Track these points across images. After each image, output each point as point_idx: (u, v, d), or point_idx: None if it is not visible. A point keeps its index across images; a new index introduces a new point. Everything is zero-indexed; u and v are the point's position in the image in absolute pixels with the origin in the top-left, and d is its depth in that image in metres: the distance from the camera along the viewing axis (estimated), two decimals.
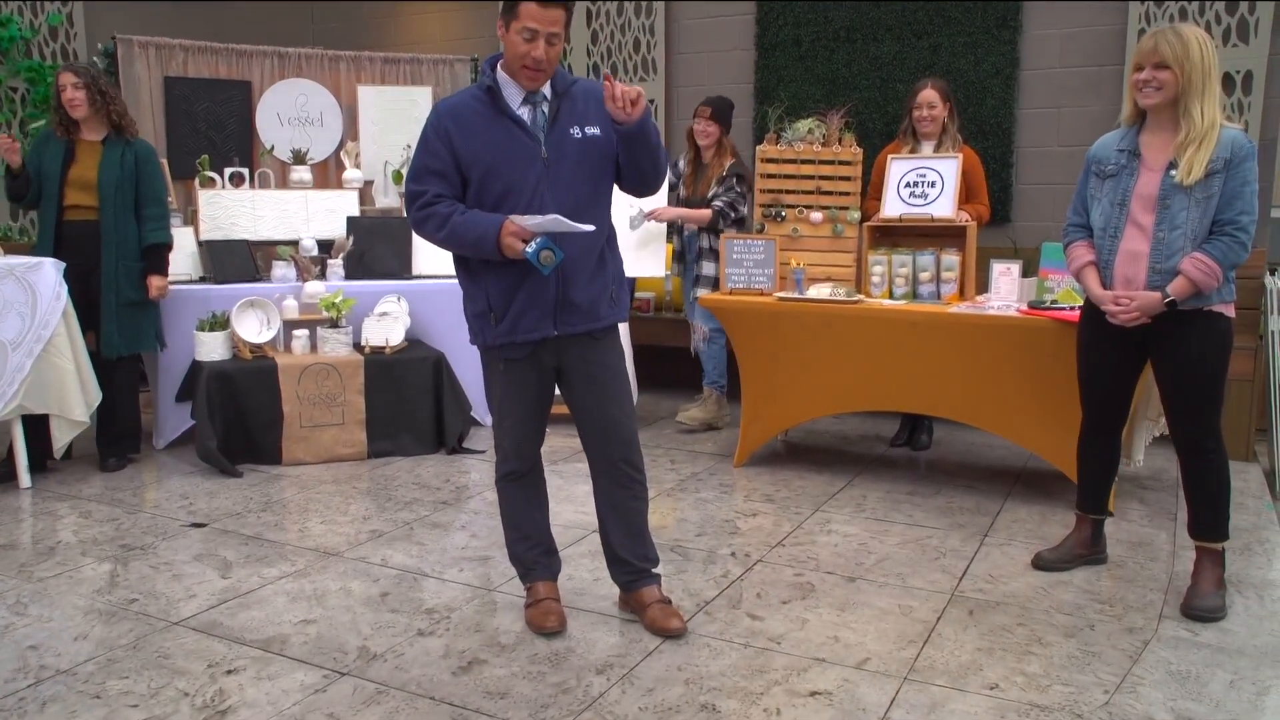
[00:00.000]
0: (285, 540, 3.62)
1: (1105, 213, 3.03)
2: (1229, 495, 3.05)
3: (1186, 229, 2.87)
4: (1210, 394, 2.96)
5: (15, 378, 4.01)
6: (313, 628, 2.88)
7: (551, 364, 2.80)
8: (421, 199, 2.66)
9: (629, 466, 2.86)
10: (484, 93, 2.66)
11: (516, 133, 2.64)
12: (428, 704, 2.44)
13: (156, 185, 4.48)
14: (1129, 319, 2.95)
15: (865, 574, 3.31)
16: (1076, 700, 2.47)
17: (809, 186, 4.62)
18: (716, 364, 5.32)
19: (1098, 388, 3.19)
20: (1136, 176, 2.96)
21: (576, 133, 2.67)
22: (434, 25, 7.69)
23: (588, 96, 2.72)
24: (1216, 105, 2.85)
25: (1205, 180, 2.84)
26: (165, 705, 2.43)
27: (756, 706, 2.43)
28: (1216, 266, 2.83)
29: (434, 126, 2.66)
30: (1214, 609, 2.97)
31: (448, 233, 2.63)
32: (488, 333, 2.75)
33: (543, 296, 2.68)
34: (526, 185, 2.64)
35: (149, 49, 5.67)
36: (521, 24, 2.54)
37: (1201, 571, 3.07)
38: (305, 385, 4.60)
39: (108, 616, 2.95)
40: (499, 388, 2.83)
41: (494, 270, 2.68)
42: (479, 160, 2.63)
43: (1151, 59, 2.87)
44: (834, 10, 6.11)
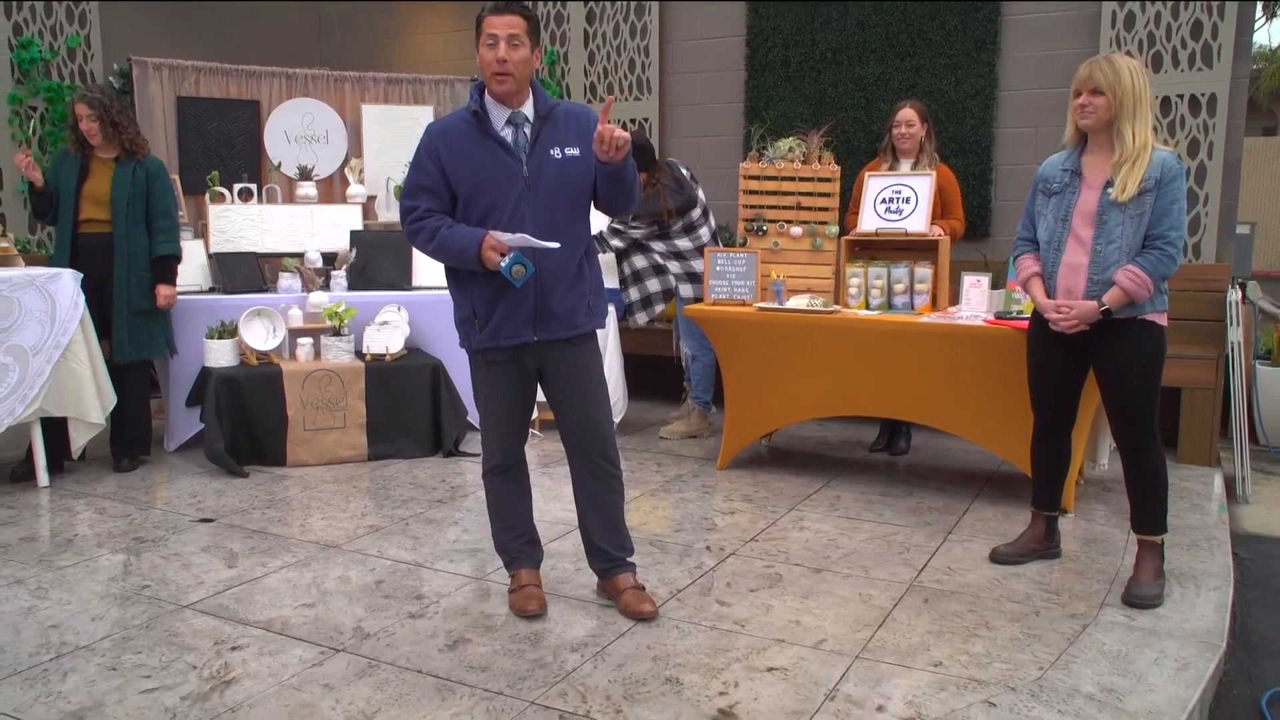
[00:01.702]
0: (288, 534, 3.84)
1: (1050, 227, 3.26)
2: (1166, 492, 3.26)
3: (1122, 243, 3.10)
4: (1146, 397, 3.18)
5: (36, 382, 4.25)
6: (311, 611, 3.10)
7: (533, 366, 3.03)
8: (414, 213, 2.91)
9: (605, 462, 3.09)
10: (471, 115, 2.90)
11: (500, 153, 2.88)
12: (415, 676, 2.66)
13: (166, 200, 4.71)
14: (1069, 326, 3.17)
15: (831, 566, 3.52)
16: (1012, 675, 2.68)
17: (789, 202, 4.84)
18: (700, 381, 5.53)
19: (1046, 392, 3.41)
20: (1078, 194, 3.19)
21: (556, 153, 2.91)
22: (436, 46, 7.96)
23: (568, 119, 2.96)
24: (1148, 128, 3.08)
25: (1138, 198, 3.07)
26: (175, 676, 2.65)
27: (717, 680, 2.65)
28: (1147, 278, 3.05)
29: (425, 146, 2.91)
30: (1152, 597, 3.17)
31: (436, 244, 2.88)
32: (473, 337, 2.98)
33: (523, 305, 2.91)
34: (508, 202, 2.88)
35: (163, 70, 5.94)
36: (484, 35, 2.83)
37: (1142, 563, 3.28)
38: (309, 390, 4.84)
39: (122, 600, 3.18)
40: (484, 389, 3.06)
41: (479, 280, 2.92)
42: (465, 178, 2.88)
43: (1088, 85, 3.10)
44: (821, 33, 6.35)
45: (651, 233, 5.29)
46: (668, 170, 5.28)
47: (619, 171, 2.86)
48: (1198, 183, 5.60)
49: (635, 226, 5.24)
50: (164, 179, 4.75)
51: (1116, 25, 5.67)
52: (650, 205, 5.19)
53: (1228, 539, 3.90)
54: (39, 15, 6.29)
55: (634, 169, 2.93)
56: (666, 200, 5.19)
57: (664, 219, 5.23)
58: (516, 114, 2.91)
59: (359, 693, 2.57)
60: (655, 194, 5.20)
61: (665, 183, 5.22)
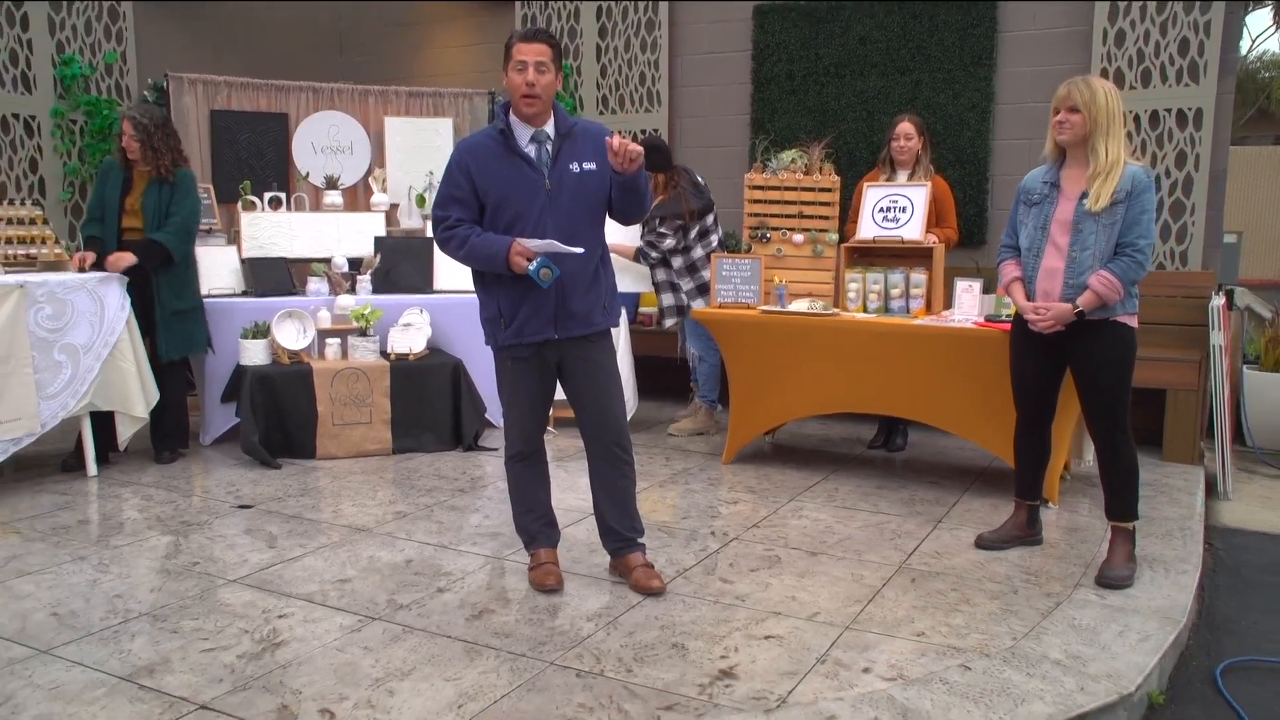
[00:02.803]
0: (322, 519, 4.13)
1: (1030, 235, 3.53)
2: (1137, 481, 3.52)
3: (1095, 250, 3.36)
4: (1117, 393, 3.44)
5: (86, 378, 4.55)
6: (348, 585, 3.38)
7: (553, 361, 3.31)
8: (445, 222, 3.20)
9: (619, 449, 3.37)
10: (498, 134, 3.20)
11: (524, 168, 3.17)
12: (445, 641, 2.94)
13: (183, 206, 4.89)
14: (1045, 326, 3.44)
15: (826, 550, 3.79)
16: (987, 644, 2.94)
17: (792, 211, 5.12)
18: (707, 381, 5.81)
19: (1026, 388, 3.68)
20: (1056, 205, 3.46)
21: (575, 168, 3.21)
22: (455, 60, 8.27)
23: (586, 136, 3.27)
24: (1120, 144, 3.34)
25: (1110, 208, 3.33)
26: (229, 639, 2.94)
27: (718, 646, 2.92)
28: (1118, 282, 3.31)
29: (456, 162, 3.21)
30: (1123, 578, 3.43)
31: (466, 251, 3.17)
32: (499, 335, 3.27)
33: (545, 305, 3.20)
34: (532, 212, 3.17)
35: (197, 85, 6.25)
36: (514, 61, 3.12)
37: (1115, 547, 3.53)
38: (337, 388, 5.13)
39: (175, 575, 3.47)
40: (509, 382, 3.34)
41: (505, 283, 3.21)
42: (493, 191, 3.17)
43: (1065, 103, 3.37)
44: (824, 48, 6.63)
45: (678, 241, 5.54)
46: (685, 175, 5.57)
47: (633, 181, 3.15)
48: (1184, 193, 5.85)
49: (664, 234, 5.50)
50: (185, 188, 4.93)
51: (1108, 42, 5.93)
52: (673, 207, 5.47)
53: (1201, 530, 4.15)
54: (79, 33, 6.61)
55: (646, 179, 3.22)
56: (688, 201, 5.47)
57: (687, 220, 5.49)
58: (539, 132, 3.20)
59: (395, 654, 2.85)
60: (676, 196, 5.48)
61: (684, 186, 5.51)
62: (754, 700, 2.59)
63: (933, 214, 5.01)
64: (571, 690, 2.64)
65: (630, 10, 7.25)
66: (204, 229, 5.78)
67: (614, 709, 2.54)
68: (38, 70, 6.43)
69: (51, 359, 4.47)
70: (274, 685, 2.66)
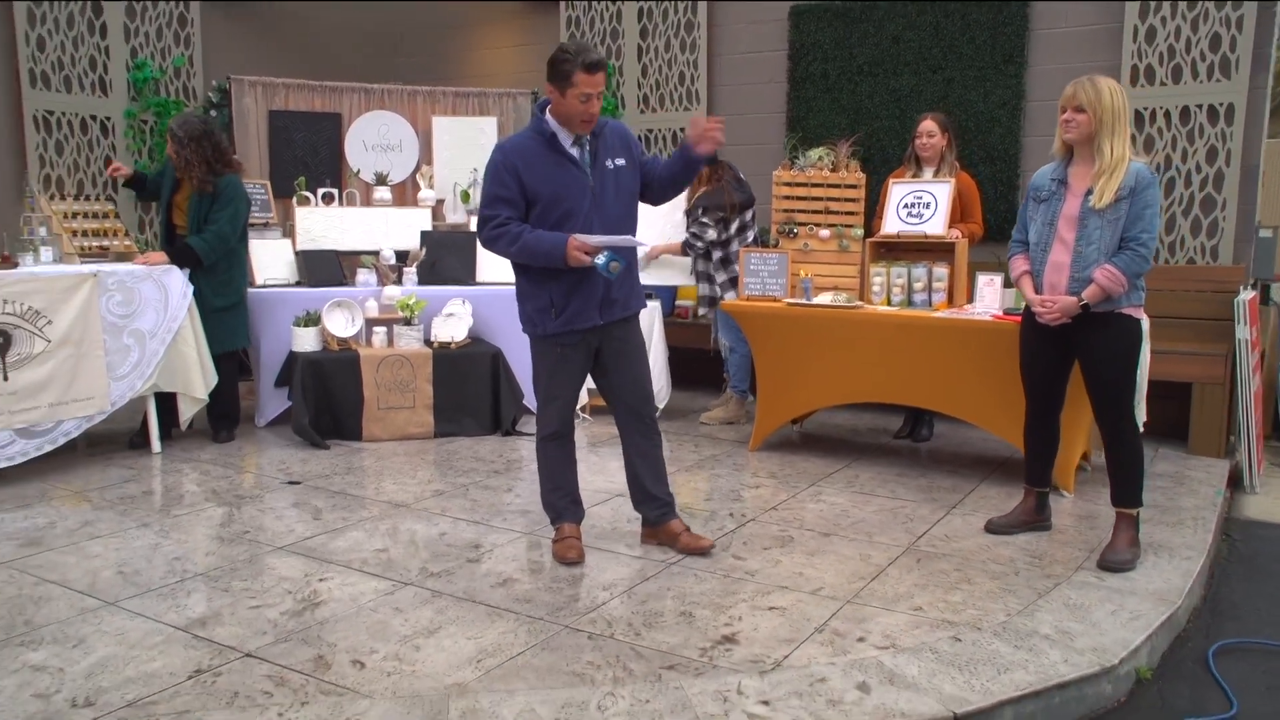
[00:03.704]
0: (364, 495, 4.40)
1: (1039, 231, 3.66)
2: (1142, 468, 3.63)
3: (1100, 244, 3.48)
4: (1122, 384, 3.56)
5: (151, 361, 4.89)
6: (385, 554, 3.64)
7: (595, 345, 3.56)
8: (494, 221, 3.41)
9: (650, 419, 3.66)
10: (543, 135, 3.40)
11: (571, 168, 3.40)
12: (470, 605, 3.18)
13: (221, 216, 5.11)
14: (1052, 318, 3.58)
15: (839, 531, 3.95)
16: (980, 619, 3.10)
17: (818, 206, 5.27)
18: (738, 371, 5.99)
19: (1034, 378, 3.81)
20: (1063, 201, 3.59)
21: (610, 165, 3.45)
22: (502, 60, 8.53)
23: (613, 134, 3.50)
24: (1125, 142, 3.46)
25: (1114, 204, 3.45)
26: (274, 597, 3.21)
27: (724, 614, 3.11)
28: (1122, 275, 3.43)
29: (502, 163, 3.40)
30: (1125, 563, 3.55)
31: (519, 248, 3.38)
32: (548, 324, 3.49)
33: (592, 295, 3.45)
34: (581, 210, 3.41)
35: (257, 87, 6.58)
36: (579, 90, 3.30)
37: (1119, 532, 3.65)
38: (383, 374, 5.41)
39: (228, 542, 3.76)
40: (552, 367, 3.56)
41: (554, 276, 3.43)
42: (543, 190, 3.38)
43: (1072, 103, 3.50)
44: (858, 47, 6.76)
45: (719, 233, 5.73)
46: (729, 169, 5.76)
47: (699, 164, 3.48)
48: (1215, 188, 5.88)
49: (706, 224, 5.69)
50: (226, 197, 5.10)
51: (1138, 39, 5.98)
52: (716, 198, 5.65)
53: (1214, 521, 4.22)
54: (151, 39, 7.00)
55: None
56: (730, 194, 5.66)
57: (728, 213, 5.68)
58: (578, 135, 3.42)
59: (423, 614, 3.09)
60: (720, 188, 5.68)
61: (728, 179, 5.70)
62: (751, 663, 2.78)
63: (957, 209, 5.13)
64: (582, 650, 2.86)
65: (670, 11, 7.44)
66: (261, 223, 6.12)
67: (620, 667, 2.75)
68: (113, 74, 6.83)
69: (121, 343, 4.80)
70: (312, 638, 2.91)
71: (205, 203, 5.11)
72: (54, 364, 4.57)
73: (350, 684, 2.65)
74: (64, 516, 4.07)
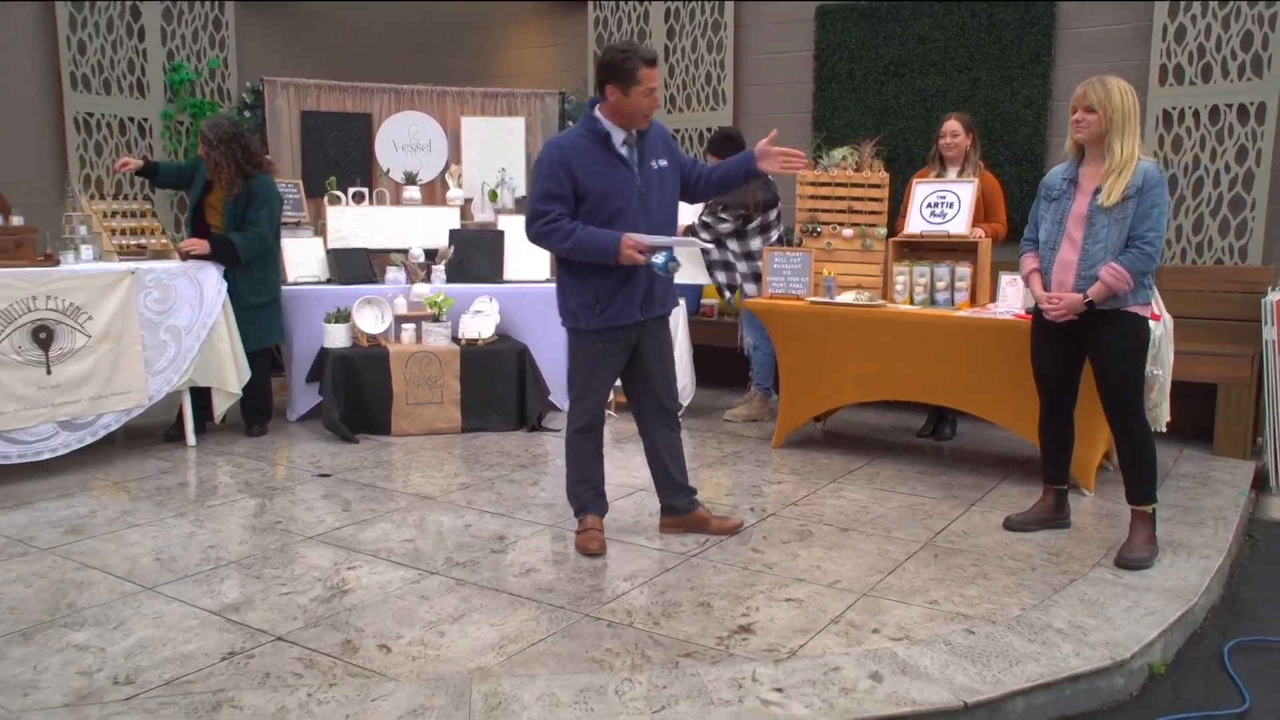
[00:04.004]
0: (392, 488, 4.50)
1: (1048, 229, 3.70)
2: (1154, 465, 3.65)
3: (1107, 243, 3.51)
4: (1130, 380, 3.58)
5: (187, 357, 5.02)
6: (411, 545, 3.73)
7: (633, 342, 3.65)
8: (547, 217, 3.46)
9: (674, 413, 3.78)
10: (597, 135, 3.48)
11: (621, 167, 3.49)
12: (493, 593, 3.26)
13: (260, 215, 5.24)
14: (1058, 315, 3.61)
15: (858, 527, 4.00)
16: (995, 613, 3.14)
17: (842, 206, 5.31)
18: (761, 369, 6.04)
19: (1045, 375, 3.84)
20: (1073, 200, 3.62)
21: (654, 165, 3.56)
22: (530, 60, 8.63)
23: (655, 135, 3.61)
24: (1135, 141, 3.49)
25: (1122, 203, 3.48)
26: (303, 584, 3.31)
27: (741, 605, 3.17)
28: (1126, 274, 3.46)
29: (556, 160, 3.46)
30: (1142, 560, 3.57)
31: (573, 244, 3.44)
32: (591, 319, 3.56)
33: (635, 292, 3.55)
34: (629, 208, 3.50)
35: (289, 88, 6.71)
36: (643, 86, 3.40)
37: (1135, 530, 3.67)
38: (411, 370, 5.51)
39: (261, 531, 3.87)
40: (591, 361, 3.63)
41: (600, 272, 3.51)
42: (594, 188, 3.46)
43: (1082, 103, 3.53)
44: (884, 47, 6.78)
45: (736, 228, 5.79)
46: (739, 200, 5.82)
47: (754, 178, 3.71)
48: (1245, 188, 5.86)
49: (724, 219, 5.75)
50: (261, 197, 5.23)
51: (1168, 38, 5.97)
52: (740, 197, 5.70)
53: (1236, 520, 4.22)
54: (187, 42, 7.16)
55: None
56: (755, 194, 5.71)
57: (751, 212, 5.73)
58: (630, 134, 3.50)
59: (448, 602, 3.18)
60: (745, 188, 5.72)
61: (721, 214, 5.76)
62: (766, 651, 2.84)
63: (981, 208, 5.15)
64: (601, 637, 2.93)
65: (697, 12, 7.50)
66: (293, 221, 6.24)
67: (638, 654, 2.82)
68: (151, 77, 6.99)
69: (158, 338, 4.94)
70: (340, 624, 3.01)
71: (240, 203, 5.22)
72: (94, 358, 4.70)
73: (377, 667, 2.74)
74: (104, 506, 4.20)
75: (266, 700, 2.55)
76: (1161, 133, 6.04)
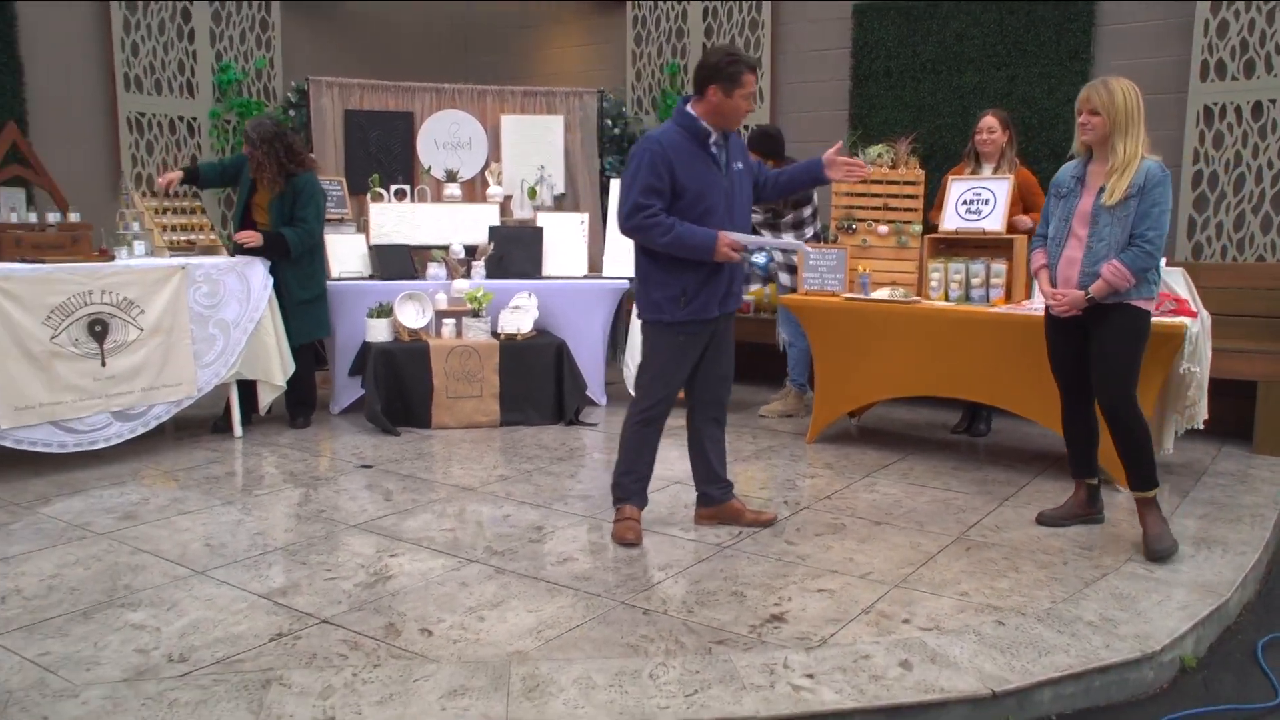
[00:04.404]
0: (433, 479, 4.61)
1: (1056, 226, 3.75)
2: (1149, 451, 3.66)
3: (1110, 240, 3.55)
4: (1124, 371, 3.61)
5: (234, 350, 5.16)
6: (451, 534, 3.83)
7: (707, 336, 3.75)
8: (648, 211, 3.53)
9: (725, 408, 3.93)
10: (696, 133, 3.56)
11: (714, 167, 3.61)
12: (531, 581, 3.34)
13: (306, 210, 5.37)
14: (1061, 310, 3.68)
15: (891, 520, 4.04)
16: (1025, 605, 3.17)
17: (877, 203, 5.34)
18: (796, 365, 6.08)
19: (1057, 368, 3.89)
20: (1079, 199, 3.66)
21: (735, 166, 3.69)
22: (569, 59, 8.72)
23: (734, 141, 3.75)
24: (1138, 141, 3.53)
25: (1124, 202, 3.51)
26: (347, 570, 3.41)
27: (773, 595, 3.23)
28: (1126, 271, 3.50)
29: (657, 155, 3.52)
30: (1167, 549, 3.58)
31: (672, 238, 3.52)
32: (675, 312, 3.64)
33: (718, 288, 3.67)
34: (719, 207, 3.62)
35: (334, 88, 6.85)
36: (745, 90, 3.54)
37: (1146, 520, 3.69)
38: (451, 364, 5.62)
39: (306, 520, 3.98)
40: (669, 353, 3.71)
41: (690, 267, 3.61)
42: (690, 185, 3.55)
43: (1086, 106, 3.58)
44: (921, 45, 6.79)
45: (765, 220, 5.84)
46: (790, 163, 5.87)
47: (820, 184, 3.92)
48: None
49: (754, 212, 5.81)
50: (307, 194, 5.37)
51: (1209, 33, 5.92)
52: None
53: (1273, 518, 4.19)
54: (235, 43, 7.33)
55: None
56: None
57: (781, 208, 5.79)
58: (718, 136, 3.60)
59: (487, 589, 3.27)
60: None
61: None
62: (798, 639, 2.90)
63: (1018, 202, 5.16)
64: (637, 624, 3.00)
65: (735, 11, 7.54)
66: (336, 218, 6.37)
67: (672, 640, 2.89)
68: (199, 77, 7.17)
69: (207, 332, 5.08)
70: (383, 608, 3.11)
71: (287, 201, 5.35)
72: (146, 351, 4.85)
73: (419, 649, 2.83)
74: (155, 494, 4.34)
75: (314, 679, 2.64)
76: (1202, 129, 6.00)
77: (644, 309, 3.71)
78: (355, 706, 2.50)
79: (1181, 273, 4.68)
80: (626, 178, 3.58)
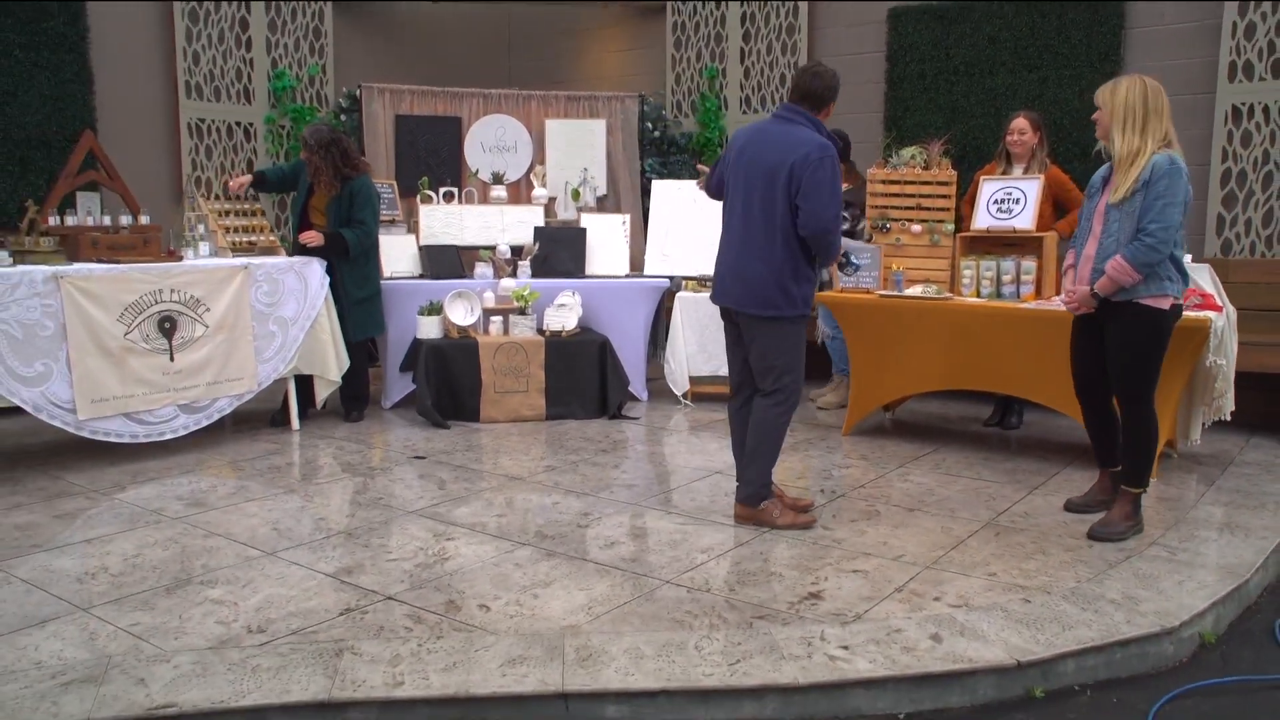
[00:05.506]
0: (483, 469, 4.83)
1: (1083, 226, 3.88)
2: (1151, 455, 3.81)
3: (1118, 236, 3.66)
4: (1135, 369, 3.72)
5: (292, 346, 5.42)
6: (504, 519, 4.04)
7: None
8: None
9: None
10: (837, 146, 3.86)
11: None
12: (580, 562, 3.55)
13: (364, 211, 5.63)
14: (1073, 308, 3.83)
15: (924, 507, 4.20)
16: (1051, 584, 3.32)
17: (911, 203, 5.49)
18: (840, 356, 6.25)
19: (1075, 362, 4.03)
20: (1101, 197, 3.78)
21: None
22: (612, 63, 8.92)
23: None
24: (1138, 135, 3.57)
25: (1131, 197, 3.61)
26: (408, 552, 3.64)
27: (810, 575, 3.41)
28: (1129, 266, 3.58)
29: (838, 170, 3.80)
30: (1117, 534, 3.74)
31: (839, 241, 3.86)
32: (808, 305, 3.89)
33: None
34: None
35: (385, 93, 7.11)
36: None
37: (1119, 506, 3.84)
38: (499, 360, 5.84)
39: (364, 506, 4.22)
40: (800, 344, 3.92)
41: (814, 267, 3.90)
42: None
43: (1096, 103, 3.69)
44: (955, 48, 6.92)
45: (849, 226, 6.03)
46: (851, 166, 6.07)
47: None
48: None
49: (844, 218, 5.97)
50: (363, 195, 5.62)
51: (1237, 35, 6.01)
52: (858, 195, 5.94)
53: None
54: (289, 50, 7.62)
55: None
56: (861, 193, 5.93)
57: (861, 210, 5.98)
58: None
59: (540, 569, 3.48)
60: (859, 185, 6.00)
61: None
62: (833, 615, 3.08)
63: (1050, 201, 5.28)
64: (681, 601, 3.20)
65: (772, 15, 7.71)
66: (388, 219, 6.62)
67: (715, 616, 3.08)
68: (256, 84, 7.47)
69: (266, 329, 5.34)
70: (443, 586, 3.33)
71: (344, 203, 5.60)
72: (211, 347, 5.12)
73: (478, 623, 3.04)
74: (221, 482, 4.60)
75: (382, 649, 2.86)
76: (1230, 128, 6.09)
77: (783, 306, 3.79)
78: (422, 673, 2.72)
79: (1208, 269, 4.78)
80: (825, 184, 3.68)
